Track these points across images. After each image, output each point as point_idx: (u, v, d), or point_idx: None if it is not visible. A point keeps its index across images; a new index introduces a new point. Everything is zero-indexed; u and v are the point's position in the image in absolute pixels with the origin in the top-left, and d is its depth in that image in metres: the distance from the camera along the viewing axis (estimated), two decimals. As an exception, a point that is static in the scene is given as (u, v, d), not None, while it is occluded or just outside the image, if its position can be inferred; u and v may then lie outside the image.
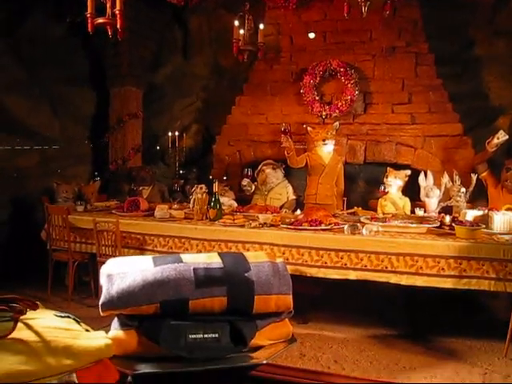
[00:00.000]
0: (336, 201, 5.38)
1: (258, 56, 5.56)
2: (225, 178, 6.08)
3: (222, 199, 4.73)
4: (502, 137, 4.76)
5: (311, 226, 3.87)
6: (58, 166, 6.48)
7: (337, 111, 5.92)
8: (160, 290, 1.23)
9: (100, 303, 1.21)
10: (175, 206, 4.86)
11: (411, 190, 5.16)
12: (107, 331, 1.24)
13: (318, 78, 6.06)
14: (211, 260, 1.36)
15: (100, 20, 3.72)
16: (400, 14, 5.96)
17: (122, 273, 1.27)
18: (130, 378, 1.13)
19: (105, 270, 1.31)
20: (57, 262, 4.99)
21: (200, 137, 7.60)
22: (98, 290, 4.51)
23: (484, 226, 3.77)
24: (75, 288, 4.90)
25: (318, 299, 4.43)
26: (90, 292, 4.88)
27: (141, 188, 5.92)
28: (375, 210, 4.94)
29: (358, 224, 3.84)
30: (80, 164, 6.82)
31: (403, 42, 5.97)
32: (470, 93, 6.22)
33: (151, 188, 6.03)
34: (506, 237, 3.61)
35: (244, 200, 5.52)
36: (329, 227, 3.89)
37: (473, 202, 4.71)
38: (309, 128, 5.62)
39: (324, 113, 5.97)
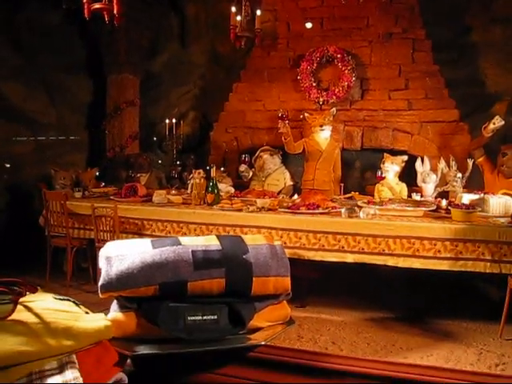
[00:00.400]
0: (333, 186, 5.40)
1: (255, 43, 5.55)
2: (222, 168, 6.06)
3: (220, 186, 4.74)
4: (498, 122, 4.77)
5: (309, 209, 3.89)
6: (55, 153, 6.47)
7: (334, 97, 5.93)
8: (159, 272, 1.23)
9: (99, 285, 1.21)
10: (173, 191, 4.88)
11: (408, 176, 5.18)
12: (106, 314, 1.25)
13: (315, 65, 6.07)
14: (209, 242, 1.35)
15: (97, 5, 3.71)
16: (397, 0, 5.97)
17: (121, 255, 1.27)
18: (129, 360, 1.14)
19: (103, 253, 1.31)
20: (55, 250, 5.00)
21: (197, 124, 7.60)
22: (96, 275, 4.54)
23: (480, 208, 3.81)
24: (73, 274, 4.91)
25: (316, 283, 4.47)
26: (88, 278, 4.88)
27: (138, 175, 5.92)
28: (372, 196, 4.96)
29: (356, 207, 3.85)
30: (77, 151, 6.81)
31: (400, 28, 5.98)
32: (466, 79, 6.24)
33: (149, 175, 6.04)
34: (502, 219, 3.65)
35: (241, 187, 5.52)
36: (326, 211, 3.91)
37: (469, 188, 4.74)
38: (306, 114, 5.63)
39: (321, 99, 5.98)
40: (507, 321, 3.56)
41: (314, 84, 6.06)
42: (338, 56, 5.94)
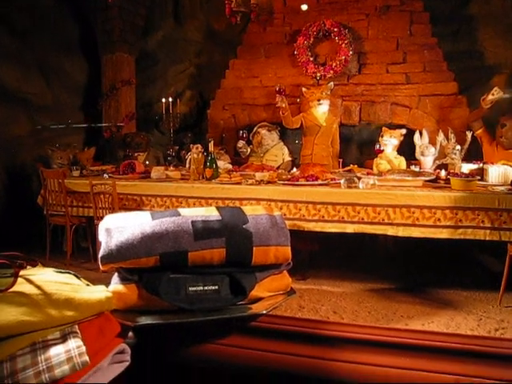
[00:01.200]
0: (332, 161, 5.38)
1: (250, 18, 5.48)
2: (221, 149, 6.01)
3: (218, 163, 4.71)
4: (496, 93, 4.74)
5: (308, 181, 3.88)
6: (52, 134, 6.43)
7: (331, 72, 5.88)
8: (159, 243, 1.22)
9: (99, 256, 1.20)
10: (171, 168, 4.86)
11: (407, 150, 5.15)
12: (107, 287, 1.24)
13: (311, 39, 6.01)
14: (209, 213, 1.34)
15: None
16: (394, -28, 5.89)
17: (121, 227, 1.26)
18: (131, 332, 1.13)
19: (103, 225, 1.29)
20: (54, 231, 4.99)
21: (194, 102, 7.56)
22: (96, 253, 4.53)
23: (479, 177, 3.80)
24: (73, 254, 4.91)
25: (316, 256, 4.48)
26: (88, 257, 4.87)
27: (136, 154, 5.88)
28: (371, 169, 4.95)
29: (355, 178, 3.84)
30: (73, 132, 6.77)
31: (397, 1, 5.91)
32: (465, 52, 6.18)
33: (146, 154, 6.01)
34: (501, 188, 3.64)
35: (240, 164, 5.48)
36: (325, 182, 3.90)
37: (468, 160, 4.72)
38: (303, 89, 5.58)
39: (318, 74, 5.93)
40: (506, 289, 3.57)
41: (311, 59, 6.01)
42: (335, 30, 5.87)
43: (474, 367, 0.96)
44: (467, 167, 4.14)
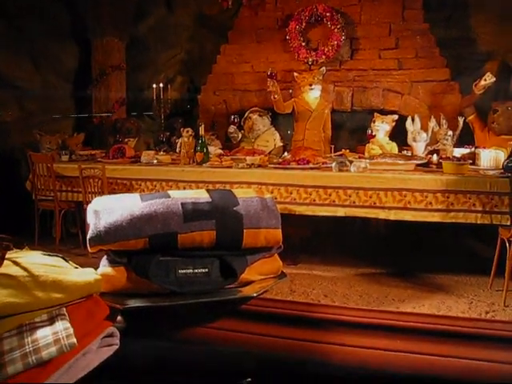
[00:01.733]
0: (324, 147, 5.35)
1: (242, 3, 5.41)
2: (212, 134, 5.95)
3: (209, 148, 4.67)
4: (489, 79, 4.73)
5: (299, 164, 3.86)
6: (41, 120, 6.35)
7: (323, 57, 5.83)
8: (148, 225, 1.19)
9: (88, 238, 1.18)
10: (161, 153, 4.81)
11: (399, 137, 5.14)
12: (96, 270, 1.22)
13: (303, 24, 5.94)
14: (199, 195, 1.32)
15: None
16: (387, -44, 5.82)
17: (109, 208, 1.24)
18: (119, 316, 1.11)
19: (92, 207, 1.27)
20: (43, 216, 4.94)
21: (185, 88, 7.48)
22: (85, 239, 4.49)
23: (471, 161, 3.80)
24: (62, 239, 4.88)
25: (307, 242, 4.47)
26: (77, 243, 4.83)
27: (126, 140, 5.82)
28: (363, 155, 4.93)
29: (347, 161, 3.83)
30: (63, 118, 6.69)
31: (390, -14, 5.85)
32: (457, 38, 6.15)
33: (136, 140, 5.95)
34: (492, 171, 3.65)
35: (231, 149, 5.42)
36: (316, 166, 3.89)
37: (459, 146, 4.72)
38: (295, 74, 5.53)
39: (310, 59, 5.88)
40: (497, 273, 3.59)
41: (303, 44, 5.95)
42: (327, 15, 5.81)
43: (465, 348, 0.96)
44: (459, 151, 4.14)
